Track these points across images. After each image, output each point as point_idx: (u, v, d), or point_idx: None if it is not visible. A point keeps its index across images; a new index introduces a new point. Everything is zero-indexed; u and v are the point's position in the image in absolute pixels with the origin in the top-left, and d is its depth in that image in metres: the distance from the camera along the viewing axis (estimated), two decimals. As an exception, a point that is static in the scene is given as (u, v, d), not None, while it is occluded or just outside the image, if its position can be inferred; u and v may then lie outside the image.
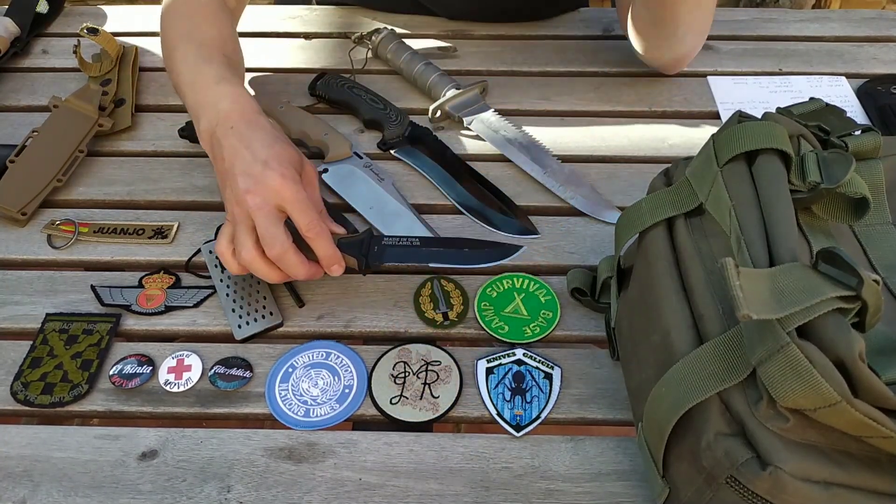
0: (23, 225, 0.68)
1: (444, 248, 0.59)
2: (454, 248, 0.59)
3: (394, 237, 0.60)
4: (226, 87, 0.62)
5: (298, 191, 0.56)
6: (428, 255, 0.58)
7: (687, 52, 0.80)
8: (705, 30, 0.78)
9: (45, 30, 0.94)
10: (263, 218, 0.55)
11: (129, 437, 0.53)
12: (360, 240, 0.60)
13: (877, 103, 0.80)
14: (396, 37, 0.86)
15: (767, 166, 0.44)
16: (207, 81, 0.63)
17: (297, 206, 0.56)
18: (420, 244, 0.59)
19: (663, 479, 0.44)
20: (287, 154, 0.58)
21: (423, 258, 0.58)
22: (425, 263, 0.58)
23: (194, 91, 0.64)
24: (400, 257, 0.59)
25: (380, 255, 0.59)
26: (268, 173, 0.55)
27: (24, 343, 0.59)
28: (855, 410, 0.35)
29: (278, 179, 0.55)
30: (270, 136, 0.59)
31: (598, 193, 0.71)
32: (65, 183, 0.72)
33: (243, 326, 0.60)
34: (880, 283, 0.36)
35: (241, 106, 0.61)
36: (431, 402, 0.55)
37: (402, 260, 0.59)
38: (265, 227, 0.55)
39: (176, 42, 0.69)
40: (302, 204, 0.56)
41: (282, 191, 0.55)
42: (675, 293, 0.46)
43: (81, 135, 0.74)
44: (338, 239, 0.59)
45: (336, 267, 0.58)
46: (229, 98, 0.62)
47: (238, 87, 0.63)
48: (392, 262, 0.59)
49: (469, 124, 0.77)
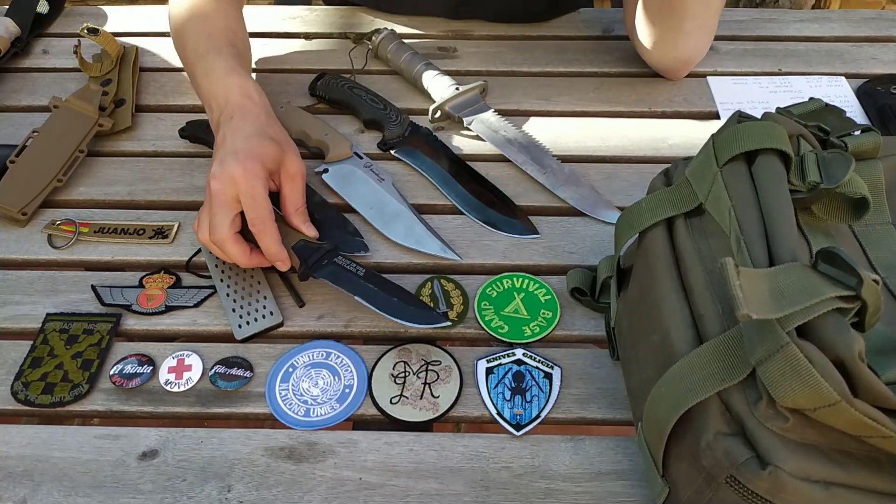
0: (23, 225, 0.68)
1: (377, 289, 0.59)
2: (386, 294, 0.59)
3: (348, 261, 0.61)
4: (235, 79, 0.66)
5: (253, 186, 0.58)
6: (361, 288, 0.59)
7: (692, 53, 0.80)
8: (711, 29, 0.78)
9: (45, 30, 0.94)
10: (216, 204, 0.59)
11: (129, 436, 0.54)
12: (315, 248, 0.61)
13: (876, 103, 0.80)
14: (396, 37, 0.86)
15: (767, 166, 0.44)
16: (218, 73, 0.67)
17: (246, 199, 0.58)
18: (363, 277, 0.60)
19: (663, 478, 0.44)
20: (262, 149, 0.60)
21: (355, 290, 0.59)
22: (352, 295, 0.59)
23: (208, 81, 0.68)
24: (335, 278, 0.60)
25: (317, 268, 0.60)
26: (232, 163, 0.59)
27: (24, 343, 0.59)
28: (855, 410, 0.35)
29: (239, 171, 0.58)
30: (254, 128, 0.62)
31: (598, 193, 0.71)
32: (65, 183, 0.72)
33: (243, 326, 0.60)
34: (880, 283, 0.36)
35: (246, 98, 0.65)
36: (431, 402, 0.55)
37: (336, 282, 0.59)
38: (214, 212, 0.59)
39: (187, 33, 0.73)
40: (252, 199, 0.58)
41: (239, 182, 0.58)
42: (674, 293, 0.46)
43: (82, 135, 0.74)
44: (301, 239, 0.62)
45: (279, 264, 0.60)
46: (237, 90, 0.65)
47: (246, 79, 0.67)
48: (327, 279, 0.60)
49: (469, 124, 0.77)
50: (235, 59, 0.69)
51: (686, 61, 0.82)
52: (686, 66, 0.83)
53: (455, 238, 0.67)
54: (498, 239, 0.67)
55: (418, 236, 0.66)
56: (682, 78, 0.85)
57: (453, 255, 0.65)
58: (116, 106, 0.79)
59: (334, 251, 0.61)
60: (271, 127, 0.64)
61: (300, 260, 0.60)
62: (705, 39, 0.79)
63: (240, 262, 0.60)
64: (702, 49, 0.80)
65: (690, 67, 0.83)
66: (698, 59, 0.82)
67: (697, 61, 0.83)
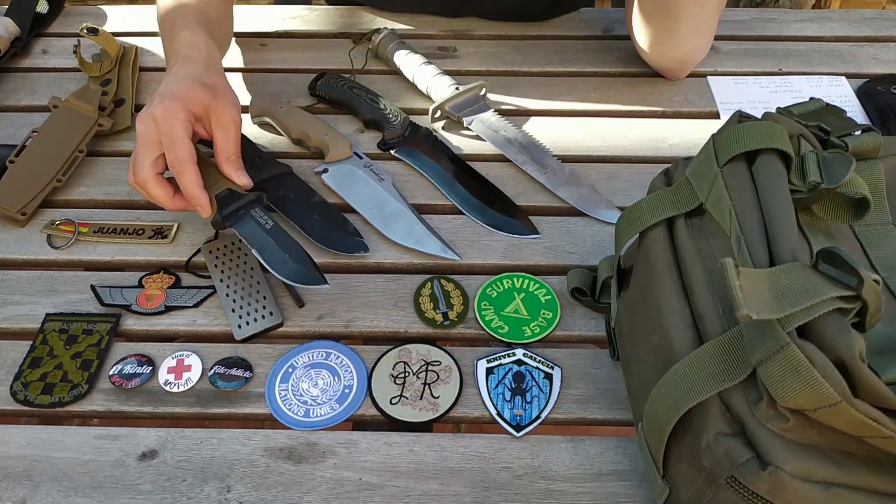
0: (23, 225, 0.68)
1: (275, 243, 0.59)
2: (280, 249, 0.59)
3: (262, 213, 0.61)
4: (186, 33, 0.68)
5: (172, 126, 0.59)
6: (261, 242, 0.59)
7: (689, 53, 0.80)
8: (708, 30, 0.78)
9: (45, 30, 0.94)
10: (139, 145, 0.60)
11: (129, 437, 0.53)
12: (237, 197, 0.61)
13: (877, 103, 0.80)
14: (396, 37, 0.86)
15: (767, 166, 0.44)
16: (175, 31, 0.69)
17: (165, 139, 0.60)
18: (268, 231, 0.60)
19: (663, 479, 0.44)
20: (187, 92, 0.61)
21: (255, 243, 0.59)
22: (250, 248, 0.59)
23: (167, 41, 0.70)
24: (244, 231, 0.60)
25: (231, 218, 0.61)
26: (156, 104, 0.60)
27: (24, 343, 0.59)
28: (855, 410, 0.35)
29: (159, 111, 0.60)
30: (186, 73, 0.63)
31: (598, 193, 0.71)
32: (65, 183, 0.72)
33: (243, 326, 0.60)
34: (880, 283, 0.35)
35: (192, 49, 0.66)
36: (431, 402, 0.55)
37: (243, 235, 0.60)
38: (136, 153, 0.60)
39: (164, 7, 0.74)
40: (169, 139, 0.59)
41: (159, 122, 0.59)
42: (675, 293, 0.46)
43: (81, 135, 0.74)
44: (226, 188, 0.62)
45: (199, 208, 0.61)
46: (188, 44, 0.67)
47: (198, 34, 0.68)
48: (235, 229, 0.60)
49: (469, 124, 0.77)
50: (196, 18, 0.70)
51: (684, 62, 0.82)
52: (685, 66, 0.83)
53: (455, 238, 0.67)
54: (498, 239, 0.67)
55: (418, 236, 0.66)
56: (683, 78, 0.85)
57: (453, 255, 0.65)
58: (116, 106, 0.79)
59: (255, 202, 0.62)
60: (209, 75, 0.64)
61: (218, 208, 0.61)
62: (703, 40, 0.79)
63: (162, 204, 0.61)
64: (700, 49, 0.80)
65: (690, 68, 0.83)
66: (698, 60, 0.82)
67: (697, 61, 0.82)
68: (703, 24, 0.76)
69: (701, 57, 0.82)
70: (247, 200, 0.62)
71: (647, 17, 0.77)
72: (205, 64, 0.66)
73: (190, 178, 0.60)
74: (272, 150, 0.76)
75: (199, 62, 0.65)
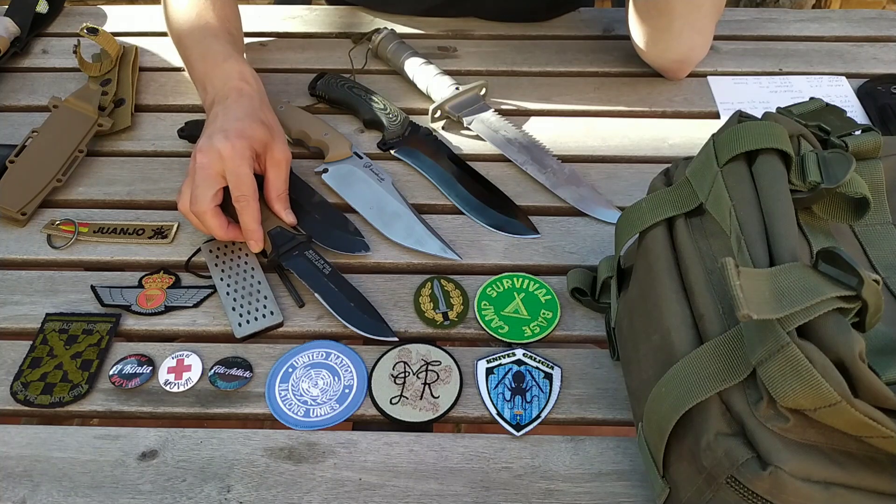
0: (23, 225, 0.68)
1: (338, 290, 0.61)
2: (344, 297, 0.60)
3: (317, 256, 0.63)
4: (233, 64, 0.69)
5: (239, 165, 0.61)
6: (322, 286, 0.61)
7: (686, 53, 0.80)
8: (703, 30, 0.77)
9: (45, 30, 0.94)
10: (201, 177, 0.61)
11: (129, 437, 0.53)
12: (289, 237, 0.63)
13: (877, 103, 0.80)
14: (396, 37, 0.86)
15: (767, 166, 0.44)
16: (216, 57, 0.70)
17: (231, 176, 0.61)
18: (327, 275, 0.61)
19: (663, 479, 0.44)
20: (251, 131, 0.63)
21: (316, 286, 0.61)
22: (312, 291, 0.61)
23: (204, 64, 0.70)
24: (301, 270, 0.62)
25: (287, 258, 0.63)
26: (221, 140, 0.61)
27: (23, 343, 0.59)
28: (855, 410, 0.35)
29: (227, 148, 0.61)
30: (247, 111, 0.64)
31: (599, 193, 0.71)
32: (65, 183, 0.72)
33: (243, 325, 0.60)
34: (880, 283, 0.36)
35: (243, 82, 0.67)
36: (431, 402, 0.55)
37: (301, 274, 0.62)
38: (197, 184, 0.61)
39: (182, 18, 0.75)
40: (237, 177, 0.61)
41: (226, 159, 0.61)
42: (675, 293, 0.46)
43: (81, 135, 0.74)
44: (277, 226, 0.64)
45: (253, 243, 0.63)
46: (236, 74, 0.68)
47: (244, 64, 0.70)
48: (293, 269, 0.62)
49: (469, 124, 0.77)
50: (232, 46, 0.72)
51: (681, 61, 0.82)
52: (682, 66, 0.82)
53: (455, 238, 0.67)
54: (498, 239, 0.67)
55: (418, 236, 0.66)
56: (684, 78, 0.85)
57: (453, 255, 0.65)
58: (116, 106, 0.79)
59: (307, 244, 0.63)
60: (264, 112, 0.66)
61: (273, 246, 0.62)
62: (698, 40, 0.79)
63: (216, 234, 0.63)
64: (696, 49, 0.80)
65: (689, 68, 0.83)
66: (696, 60, 0.82)
67: (696, 61, 0.82)
68: (698, 24, 0.76)
69: (699, 57, 0.81)
70: (299, 241, 0.63)
71: (642, 16, 0.77)
72: (259, 99, 0.67)
73: (252, 214, 0.62)
74: (272, 150, 0.76)
75: (254, 98, 0.67)
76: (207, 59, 0.71)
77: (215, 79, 0.68)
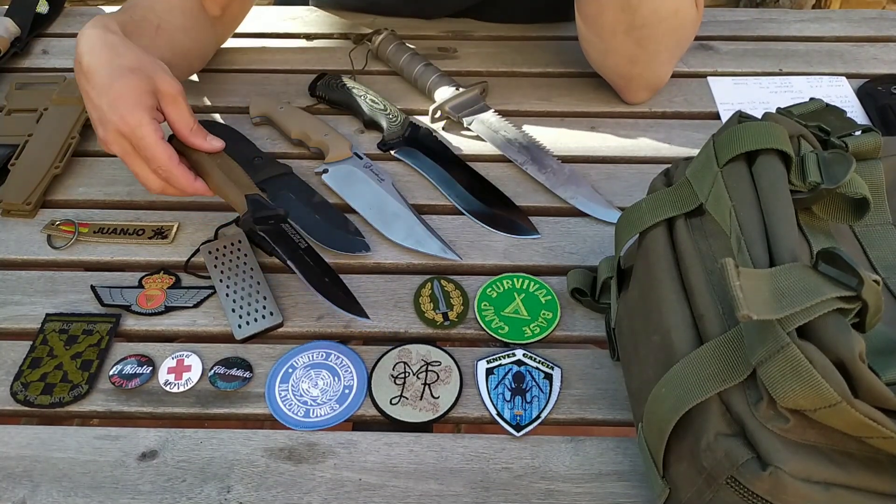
0: (31, 216, 0.69)
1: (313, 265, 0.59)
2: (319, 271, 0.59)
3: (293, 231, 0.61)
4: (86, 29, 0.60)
5: (140, 138, 0.57)
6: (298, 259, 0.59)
7: (624, 73, 0.77)
8: (630, 56, 0.74)
9: (45, 30, 0.94)
10: (128, 165, 0.60)
11: (128, 437, 0.53)
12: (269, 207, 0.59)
13: (877, 103, 0.80)
14: (397, 38, 0.86)
15: (767, 167, 0.44)
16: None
17: (141, 152, 0.58)
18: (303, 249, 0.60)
19: (663, 479, 0.44)
20: (125, 91, 0.57)
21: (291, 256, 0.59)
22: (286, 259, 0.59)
23: None
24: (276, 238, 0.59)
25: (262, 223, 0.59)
26: (107, 128, 0.58)
27: (23, 343, 0.59)
28: (855, 411, 0.35)
29: (112, 134, 0.58)
30: (106, 72, 0.58)
31: (598, 193, 0.71)
32: (63, 171, 0.72)
33: (243, 326, 0.60)
34: (880, 284, 0.35)
35: (88, 39, 0.59)
36: (431, 403, 0.55)
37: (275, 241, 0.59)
38: (135, 171, 0.60)
39: None
40: (144, 150, 0.58)
41: (129, 136, 0.58)
42: (675, 293, 0.46)
43: (72, 122, 0.75)
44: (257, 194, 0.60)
45: (203, 192, 0.60)
46: (86, 34, 0.60)
47: (95, 22, 0.61)
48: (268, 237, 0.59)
49: (469, 125, 0.77)
50: (115, 15, 0.65)
51: (627, 79, 0.78)
52: (629, 83, 0.79)
53: (455, 238, 0.67)
54: (498, 239, 0.67)
55: (418, 236, 0.66)
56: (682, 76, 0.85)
57: (453, 256, 0.65)
58: None
59: (284, 217, 0.60)
60: (123, 57, 0.59)
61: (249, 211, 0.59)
62: (625, 63, 0.76)
63: (185, 189, 0.60)
64: (631, 74, 0.77)
65: (640, 90, 0.79)
66: (645, 84, 0.79)
67: (646, 85, 0.79)
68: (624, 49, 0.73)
69: (649, 83, 0.79)
70: (277, 213, 0.60)
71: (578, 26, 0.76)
72: (108, 47, 0.59)
73: (180, 179, 0.59)
74: (272, 151, 0.76)
75: (100, 51, 0.59)
76: None
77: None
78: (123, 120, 0.57)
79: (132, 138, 0.58)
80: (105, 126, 0.58)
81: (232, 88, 0.85)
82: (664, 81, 0.80)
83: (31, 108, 0.78)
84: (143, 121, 0.57)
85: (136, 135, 0.57)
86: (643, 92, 0.80)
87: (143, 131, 0.57)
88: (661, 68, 0.78)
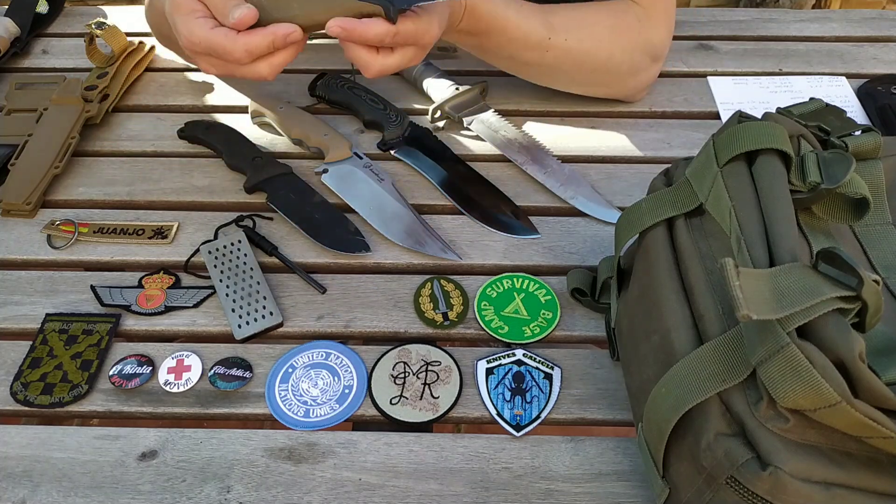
0: (31, 215, 0.69)
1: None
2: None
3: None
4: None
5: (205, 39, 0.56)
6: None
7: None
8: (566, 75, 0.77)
9: (45, 30, 0.94)
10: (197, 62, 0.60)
11: (128, 437, 0.53)
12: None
13: (877, 103, 0.80)
14: (396, 37, 0.86)
15: (767, 166, 0.44)
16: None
17: (214, 53, 0.56)
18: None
19: (663, 479, 0.44)
20: (180, 13, 0.57)
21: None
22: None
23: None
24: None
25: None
26: (186, 48, 0.58)
27: (23, 343, 0.59)
28: (855, 411, 0.35)
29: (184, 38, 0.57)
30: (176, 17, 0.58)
31: (598, 193, 0.71)
32: (64, 172, 0.72)
33: (243, 326, 0.60)
34: (880, 284, 0.35)
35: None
36: (431, 403, 0.55)
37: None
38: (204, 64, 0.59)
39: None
40: (217, 53, 0.56)
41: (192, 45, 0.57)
42: (675, 293, 0.46)
43: (71, 123, 0.75)
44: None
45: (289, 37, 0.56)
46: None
47: None
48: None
49: (469, 125, 0.77)
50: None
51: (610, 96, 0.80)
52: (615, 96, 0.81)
53: (455, 238, 0.67)
54: (498, 239, 0.67)
55: (418, 236, 0.66)
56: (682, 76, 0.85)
57: (453, 256, 0.65)
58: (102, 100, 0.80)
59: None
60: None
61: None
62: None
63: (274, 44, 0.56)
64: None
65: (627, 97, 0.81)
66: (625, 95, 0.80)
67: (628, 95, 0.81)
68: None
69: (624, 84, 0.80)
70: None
71: None
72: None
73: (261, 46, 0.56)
74: (272, 150, 0.76)
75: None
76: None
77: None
78: (188, 41, 0.57)
79: (204, 49, 0.56)
80: (192, 59, 0.60)
81: (232, 88, 0.85)
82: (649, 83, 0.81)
83: (30, 108, 0.78)
84: (192, 29, 0.56)
85: (202, 44, 0.56)
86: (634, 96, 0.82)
87: (215, 35, 0.56)
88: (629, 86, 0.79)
